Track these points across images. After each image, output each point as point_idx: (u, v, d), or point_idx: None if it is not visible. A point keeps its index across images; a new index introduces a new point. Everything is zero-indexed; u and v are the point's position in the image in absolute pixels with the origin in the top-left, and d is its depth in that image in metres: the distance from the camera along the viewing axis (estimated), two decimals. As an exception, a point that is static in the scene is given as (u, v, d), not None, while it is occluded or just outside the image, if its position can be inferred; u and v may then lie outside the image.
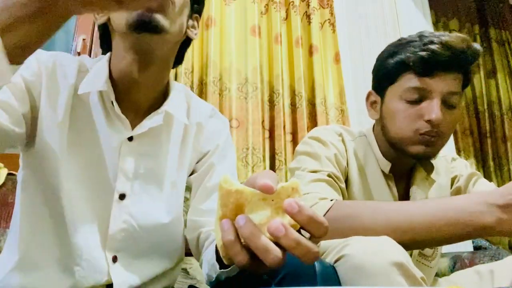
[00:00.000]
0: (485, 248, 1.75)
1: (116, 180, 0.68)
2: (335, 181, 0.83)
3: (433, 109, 0.78)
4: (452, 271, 1.44)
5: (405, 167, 0.91)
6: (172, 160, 0.74)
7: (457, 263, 1.51)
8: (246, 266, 0.41)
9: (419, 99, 0.81)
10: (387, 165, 0.89)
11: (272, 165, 1.84)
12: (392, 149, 0.88)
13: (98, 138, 0.68)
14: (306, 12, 2.11)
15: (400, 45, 0.85)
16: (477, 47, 0.81)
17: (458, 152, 2.57)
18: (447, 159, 0.99)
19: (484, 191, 0.83)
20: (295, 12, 2.07)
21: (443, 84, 0.80)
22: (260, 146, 1.81)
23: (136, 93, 0.70)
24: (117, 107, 0.67)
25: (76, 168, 0.66)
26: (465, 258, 1.51)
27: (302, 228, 0.41)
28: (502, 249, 1.71)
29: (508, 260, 0.83)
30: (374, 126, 0.95)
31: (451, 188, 0.96)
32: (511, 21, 3.04)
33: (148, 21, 0.61)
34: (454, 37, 0.78)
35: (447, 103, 0.81)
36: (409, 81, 0.82)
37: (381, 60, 0.89)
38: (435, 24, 2.80)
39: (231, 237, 0.40)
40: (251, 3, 1.98)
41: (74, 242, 0.63)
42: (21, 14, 0.39)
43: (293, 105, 1.95)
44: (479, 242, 1.79)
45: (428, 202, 0.69)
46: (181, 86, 0.82)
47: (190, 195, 0.80)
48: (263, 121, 1.88)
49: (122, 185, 0.68)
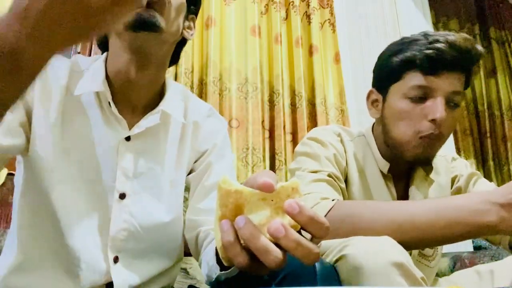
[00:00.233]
0: (485, 248, 1.74)
1: (116, 180, 0.67)
2: (335, 181, 0.82)
3: (438, 108, 0.78)
4: (452, 271, 1.44)
5: (404, 167, 0.91)
6: (170, 159, 0.74)
7: (457, 263, 1.51)
8: (246, 267, 0.41)
9: (423, 97, 0.81)
10: (385, 165, 0.88)
11: (272, 165, 1.84)
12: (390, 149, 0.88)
13: (94, 138, 0.67)
14: (306, 12, 2.11)
15: (404, 43, 0.84)
16: (480, 47, 0.81)
17: (458, 152, 2.57)
18: (447, 159, 0.99)
19: (485, 190, 0.83)
20: (295, 12, 2.07)
21: (447, 83, 0.80)
22: (260, 146, 1.80)
23: (133, 93, 0.70)
24: (114, 107, 0.67)
25: (71, 170, 0.65)
26: (465, 258, 1.51)
27: (302, 229, 0.41)
28: (502, 249, 1.71)
29: (508, 260, 0.82)
30: (373, 126, 0.95)
31: (451, 188, 0.96)
32: (511, 21, 3.04)
33: (147, 19, 0.61)
34: (459, 36, 0.79)
35: (451, 102, 0.81)
36: (414, 79, 0.81)
37: (383, 59, 0.89)
38: (435, 24, 2.80)
39: (231, 238, 0.40)
40: (251, 3, 1.98)
41: (71, 245, 0.63)
42: None
43: (293, 105, 1.95)
44: (479, 242, 1.79)
45: (429, 202, 0.69)
46: (178, 85, 0.82)
47: (189, 194, 0.80)
48: (263, 121, 1.88)
49: (122, 184, 0.68)
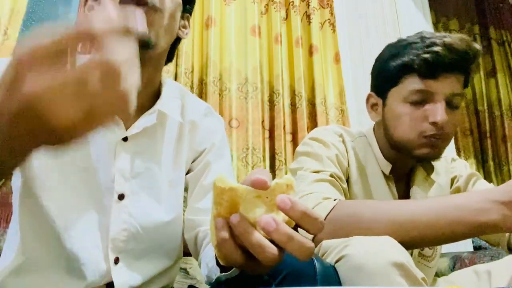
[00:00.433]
0: (485, 248, 1.74)
1: (114, 180, 0.67)
2: (337, 181, 0.82)
3: (438, 111, 0.78)
4: (452, 271, 1.44)
5: (405, 168, 0.91)
6: (167, 159, 0.74)
7: (457, 263, 1.51)
8: (242, 265, 0.41)
9: (423, 101, 0.81)
10: (387, 166, 0.88)
11: (272, 165, 1.84)
12: (395, 151, 0.88)
13: (90, 139, 0.67)
14: (306, 12, 2.11)
15: (401, 46, 0.84)
16: (477, 46, 0.81)
17: (458, 152, 2.57)
18: (447, 159, 0.99)
19: (485, 189, 0.83)
20: (295, 12, 2.07)
21: (447, 86, 0.80)
22: (260, 146, 1.80)
23: None
24: None
25: (67, 172, 0.65)
26: (465, 258, 1.51)
27: (297, 226, 0.41)
28: (502, 249, 1.71)
29: (506, 260, 0.82)
30: (374, 127, 0.95)
31: (451, 188, 0.96)
32: (511, 21, 3.04)
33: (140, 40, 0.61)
34: (455, 38, 0.78)
35: (451, 104, 0.81)
36: (412, 83, 0.81)
37: (381, 62, 0.89)
38: (435, 24, 2.80)
39: (225, 236, 0.40)
40: (251, 3, 1.98)
41: (70, 248, 0.63)
42: None
43: (293, 105, 1.95)
44: (479, 242, 1.78)
45: (430, 201, 0.69)
46: (174, 84, 0.81)
47: (187, 194, 0.79)
48: (263, 121, 1.88)
49: (120, 185, 0.68)
